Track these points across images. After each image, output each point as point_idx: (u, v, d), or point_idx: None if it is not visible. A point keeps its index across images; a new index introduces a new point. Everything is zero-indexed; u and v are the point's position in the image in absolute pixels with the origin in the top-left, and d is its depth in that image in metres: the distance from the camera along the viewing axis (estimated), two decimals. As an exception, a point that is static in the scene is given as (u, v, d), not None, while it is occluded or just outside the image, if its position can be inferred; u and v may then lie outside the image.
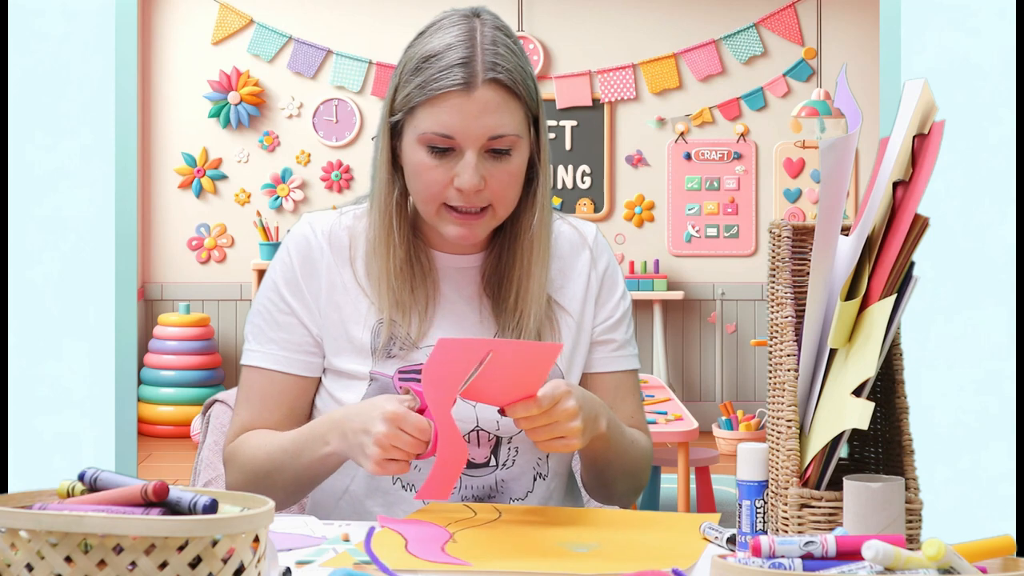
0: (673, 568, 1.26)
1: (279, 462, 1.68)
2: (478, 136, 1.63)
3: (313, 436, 1.65)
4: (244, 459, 1.71)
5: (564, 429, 1.56)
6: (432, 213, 1.68)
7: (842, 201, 1.33)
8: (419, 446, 1.54)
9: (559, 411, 1.55)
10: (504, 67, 1.63)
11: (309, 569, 1.33)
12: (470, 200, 1.65)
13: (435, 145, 1.64)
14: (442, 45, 1.64)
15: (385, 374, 1.70)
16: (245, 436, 1.74)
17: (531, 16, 7.33)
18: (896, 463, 1.36)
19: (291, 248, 1.76)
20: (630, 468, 1.77)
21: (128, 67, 3.34)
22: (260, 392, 1.75)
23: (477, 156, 1.63)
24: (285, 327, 1.74)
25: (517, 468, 1.73)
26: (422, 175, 1.65)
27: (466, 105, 1.62)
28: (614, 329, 1.81)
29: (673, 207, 7.36)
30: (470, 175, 1.63)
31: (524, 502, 1.73)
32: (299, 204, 7.34)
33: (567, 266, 1.80)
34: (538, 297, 1.73)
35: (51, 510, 1.08)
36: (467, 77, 1.62)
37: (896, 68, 2.84)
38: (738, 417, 6.65)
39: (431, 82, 1.63)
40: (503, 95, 1.63)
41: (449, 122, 1.62)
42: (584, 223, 1.85)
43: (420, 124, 1.64)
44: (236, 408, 1.78)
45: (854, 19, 7.27)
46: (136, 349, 3.55)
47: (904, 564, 1.03)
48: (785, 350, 1.38)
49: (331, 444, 1.62)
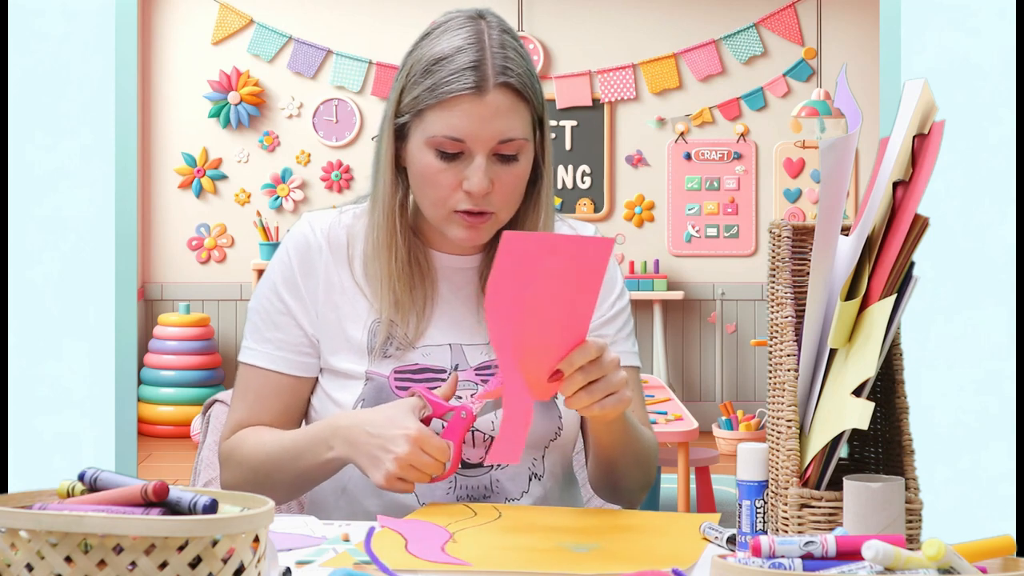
0: (673, 568, 1.26)
1: (278, 462, 1.68)
2: (488, 140, 1.63)
3: (316, 440, 1.65)
4: (241, 457, 1.72)
5: (616, 382, 1.52)
6: (440, 217, 1.68)
7: (842, 201, 1.33)
8: (438, 468, 1.55)
9: (607, 361, 1.51)
10: (515, 71, 1.64)
11: (309, 569, 1.33)
12: (477, 203, 1.65)
13: (444, 149, 1.64)
14: (451, 48, 1.64)
15: (381, 374, 1.71)
16: (242, 433, 1.74)
17: (531, 16, 7.32)
18: (896, 463, 1.36)
19: (290, 247, 1.76)
20: (641, 458, 1.75)
21: (128, 67, 3.34)
22: (256, 390, 1.75)
23: (486, 159, 1.63)
24: (281, 327, 1.75)
25: (512, 468, 1.73)
26: (430, 178, 1.65)
27: (477, 109, 1.62)
28: (606, 326, 1.80)
29: (673, 207, 7.36)
30: (480, 179, 1.63)
31: (519, 502, 1.73)
32: (299, 204, 7.34)
33: None
34: None
35: (51, 510, 1.08)
36: (479, 81, 1.61)
37: (896, 68, 2.85)
38: (738, 417, 6.65)
39: (442, 85, 1.62)
40: (513, 99, 1.64)
41: (460, 125, 1.62)
42: (583, 224, 1.85)
43: (430, 127, 1.64)
44: (232, 404, 1.78)
45: (854, 19, 7.27)
46: (136, 349, 3.55)
47: (904, 564, 1.03)
48: (785, 350, 1.38)
49: (335, 450, 1.62)
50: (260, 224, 7.17)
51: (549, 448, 1.75)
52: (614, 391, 1.53)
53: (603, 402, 1.53)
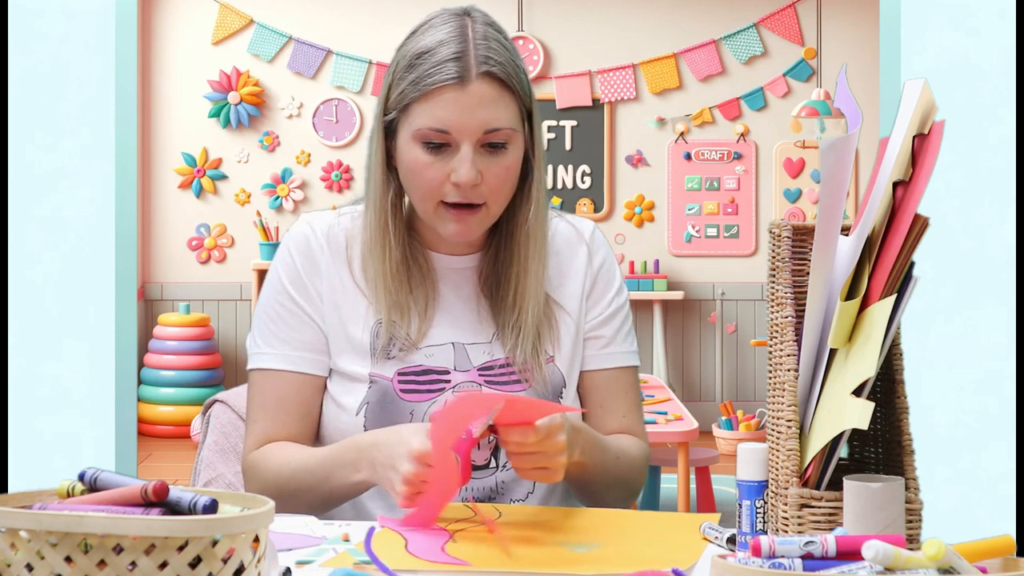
0: (673, 568, 1.26)
1: (306, 483, 1.66)
2: (473, 129, 1.63)
3: (343, 462, 1.63)
4: (268, 474, 1.69)
5: (549, 461, 1.54)
6: (429, 211, 1.68)
7: (842, 201, 1.33)
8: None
9: (550, 443, 1.53)
10: (497, 60, 1.64)
11: (309, 569, 1.33)
12: (466, 195, 1.65)
13: (431, 141, 1.64)
14: (434, 41, 1.65)
15: (384, 376, 1.70)
16: (268, 449, 1.72)
17: (531, 16, 7.32)
18: (896, 463, 1.36)
19: (292, 247, 1.76)
20: (615, 482, 1.75)
21: (128, 67, 3.34)
22: (275, 396, 1.73)
23: (473, 150, 1.64)
24: (296, 326, 1.74)
25: None
26: (418, 172, 1.66)
27: (461, 99, 1.62)
28: (604, 325, 1.80)
29: (673, 207, 7.36)
30: (467, 169, 1.63)
31: (525, 503, 1.73)
32: (299, 204, 7.34)
33: (564, 263, 1.80)
34: (536, 293, 1.72)
35: (51, 510, 1.08)
36: (461, 71, 1.62)
37: (896, 68, 2.84)
38: (738, 417, 6.65)
39: (424, 78, 1.64)
40: (497, 88, 1.64)
41: (444, 116, 1.63)
42: (582, 220, 1.85)
43: (415, 120, 1.65)
44: (252, 416, 1.75)
45: (854, 19, 7.26)
46: (136, 349, 3.55)
47: (904, 564, 1.03)
48: (785, 350, 1.38)
49: (362, 472, 1.61)
50: (260, 224, 7.16)
51: None
52: (545, 467, 1.55)
53: (529, 472, 1.56)
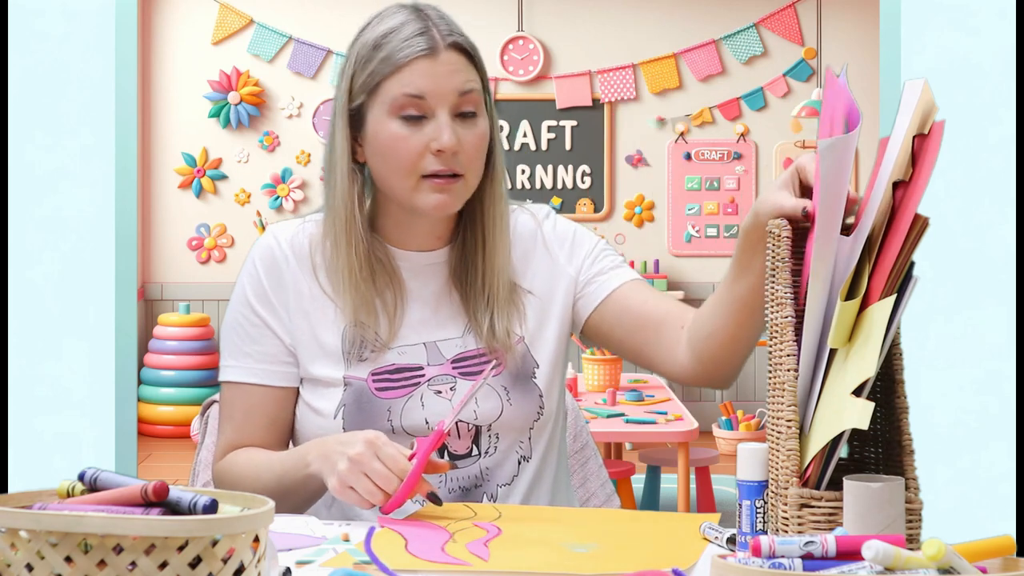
0: (673, 568, 1.26)
1: (265, 483, 1.68)
2: (448, 94, 1.67)
3: (296, 457, 1.66)
4: (233, 479, 1.73)
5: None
6: (409, 188, 1.69)
7: (842, 201, 1.33)
8: (387, 480, 1.53)
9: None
10: (460, 34, 1.71)
11: (309, 569, 1.33)
12: (447, 162, 1.67)
13: (407, 111, 1.67)
14: (395, 23, 1.70)
15: (358, 377, 1.72)
16: (233, 456, 1.75)
17: (531, 16, 7.32)
18: (896, 463, 1.36)
19: (256, 260, 1.77)
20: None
21: (128, 67, 3.34)
22: (241, 407, 1.76)
23: (449, 117, 1.67)
24: (258, 340, 1.76)
25: (500, 454, 1.74)
26: (397, 146, 1.67)
27: (434, 67, 1.67)
28: (596, 263, 1.81)
29: (673, 207, 7.36)
30: (448, 134, 1.66)
31: (511, 487, 1.74)
32: (299, 204, 7.34)
33: (528, 249, 1.82)
34: (503, 270, 1.75)
35: (51, 510, 1.08)
36: (430, 43, 1.67)
37: (896, 68, 2.84)
38: (738, 417, 6.65)
39: (395, 53, 1.67)
40: (464, 59, 1.69)
41: (419, 83, 1.66)
42: (538, 206, 1.88)
43: (389, 93, 1.67)
44: (220, 426, 1.79)
45: (854, 19, 7.27)
46: (136, 349, 3.55)
47: (904, 564, 1.03)
48: (785, 350, 1.38)
49: (312, 465, 1.62)
50: (260, 224, 7.17)
51: (534, 429, 1.77)
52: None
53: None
